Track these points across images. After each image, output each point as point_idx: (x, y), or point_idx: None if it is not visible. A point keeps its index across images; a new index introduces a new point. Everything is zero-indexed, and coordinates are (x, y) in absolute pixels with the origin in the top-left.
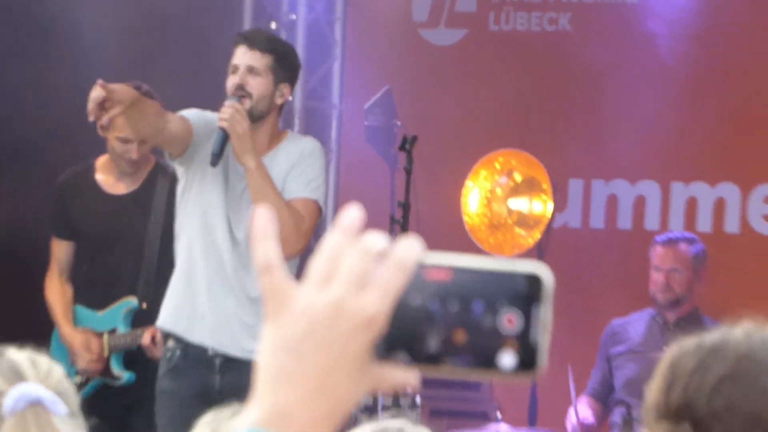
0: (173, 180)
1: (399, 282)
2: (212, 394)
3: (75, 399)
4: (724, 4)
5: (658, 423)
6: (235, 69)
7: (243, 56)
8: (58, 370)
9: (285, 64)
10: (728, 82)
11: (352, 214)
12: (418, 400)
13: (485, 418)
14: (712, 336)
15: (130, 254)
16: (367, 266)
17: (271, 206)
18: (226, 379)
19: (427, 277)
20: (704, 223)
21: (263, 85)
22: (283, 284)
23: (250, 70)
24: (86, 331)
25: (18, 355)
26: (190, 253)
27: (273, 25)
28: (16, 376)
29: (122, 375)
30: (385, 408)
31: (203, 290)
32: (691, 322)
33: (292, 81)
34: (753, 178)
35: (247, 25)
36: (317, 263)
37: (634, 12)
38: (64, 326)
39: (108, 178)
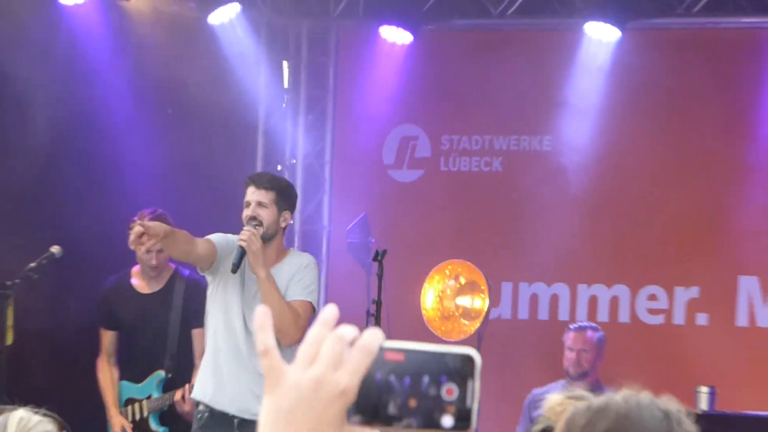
0: (187, 283)
1: (365, 362)
2: None
3: None
4: (618, 150)
5: None
6: (248, 204)
7: (252, 194)
8: (40, 426)
9: (285, 197)
10: (622, 207)
11: (330, 310)
12: None
13: None
14: (599, 399)
15: (157, 338)
16: (340, 350)
17: (277, 306)
18: None
19: (387, 358)
20: (603, 315)
21: (270, 215)
22: (278, 364)
23: (259, 204)
24: (122, 416)
25: (15, 413)
26: (215, 340)
27: (279, 167)
28: (3, 428)
29: (159, 430)
30: None
31: (225, 369)
32: (594, 390)
33: (291, 209)
34: (640, 280)
35: (259, 167)
36: (303, 348)
37: (548, 156)
38: (110, 410)
39: (140, 282)
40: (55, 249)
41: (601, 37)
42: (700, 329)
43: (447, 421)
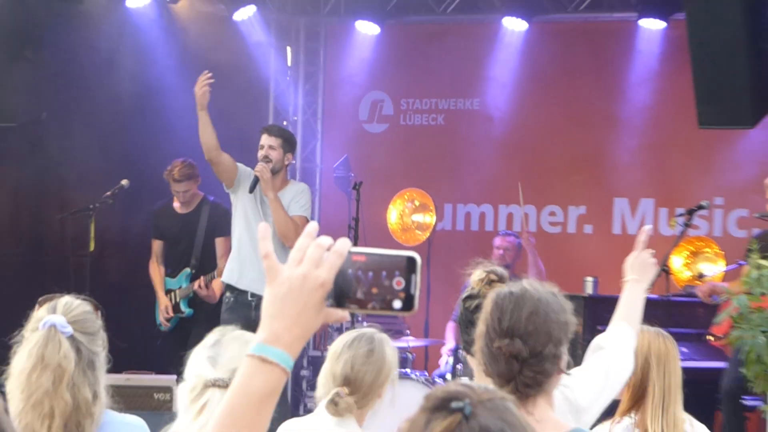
0: (211, 206)
1: (338, 262)
2: (251, 323)
3: (93, 325)
4: (527, 109)
5: (499, 339)
6: (262, 147)
7: (265, 140)
8: (80, 308)
9: (288, 142)
10: (530, 149)
11: (312, 226)
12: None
13: (400, 333)
14: (516, 286)
15: (188, 245)
16: (320, 254)
17: (282, 219)
18: (259, 312)
19: (354, 259)
20: (517, 227)
21: (278, 155)
22: (275, 264)
23: (270, 147)
24: (167, 298)
25: (62, 298)
26: (239, 240)
27: (284, 122)
28: (52, 310)
29: (186, 310)
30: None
31: (246, 260)
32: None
33: (293, 151)
34: (543, 201)
35: (271, 122)
36: (292, 253)
37: (477, 113)
38: (158, 294)
39: (179, 205)
40: (124, 182)
41: (514, 28)
42: (587, 236)
43: (397, 304)
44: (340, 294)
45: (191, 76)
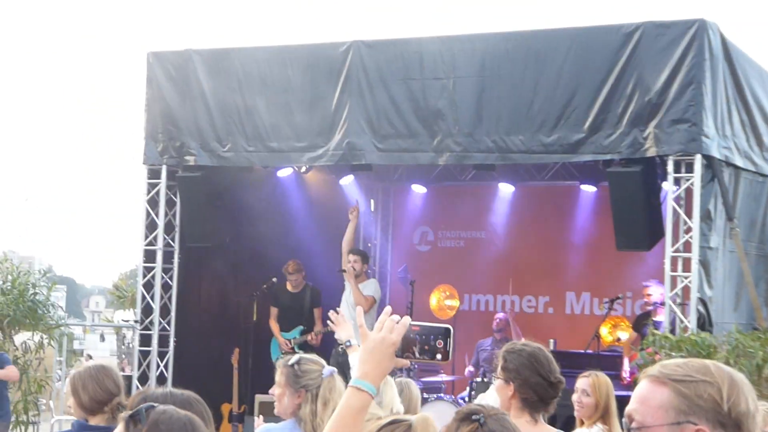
0: (312, 287)
1: (403, 330)
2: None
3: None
4: (510, 232)
5: (555, 376)
6: (348, 261)
7: (350, 257)
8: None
9: (364, 258)
10: (518, 259)
11: (388, 309)
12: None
13: (437, 372)
14: (518, 343)
15: (298, 312)
16: (392, 325)
17: (358, 297)
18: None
19: (413, 328)
20: (508, 308)
21: (358, 265)
22: (366, 331)
23: (354, 261)
24: (285, 342)
25: (304, 356)
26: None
27: (369, 245)
28: (317, 363)
29: (300, 352)
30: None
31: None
32: (507, 340)
33: (367, 262)
34: (522, 292)
35: (360, 244)
36: (377, 324)
37: (483, 242)
38: (278, 338)
39: (289, 285)
40: (274, 279)
41: (506, 189)
42: (549, 315)
43: (439, 356)
44: (404, 349)
45: (315, 220)
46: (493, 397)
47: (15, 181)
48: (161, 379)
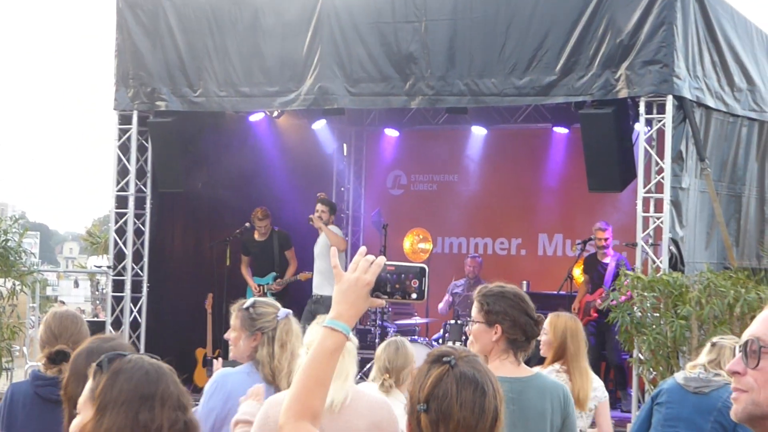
0: (279, 232)
1: (377, 270)
2: (311, 311)
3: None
4: (480, 176)
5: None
6: (317, 211)
7: (319, 207)
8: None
9: (332, 208)
10: (490, 199)
11: (363, 249)
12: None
13: (410, 314)
14: (493, 286)
15: (269, 260)
16: (367, 264)
17: (332, 237)
18: (322, 305)
19: (388, 268)
20: (481, 250)
21: (326, 216)
22: (340, 271)
23: (322, 211)
24: (259, 286)
25: (268, 299)
26: (315, 257)
27: (342, 189)
28: (272, 305)
29: (271, 299)
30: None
31: (316, 271)
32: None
33: (334, 213)
34: (495, 234)
35: (333, 188)
36: (351, 264)
37: (457, 184)
38: (250, 284)
39: (257, 233)
40: (247, 224)
41: (479, 132)
42: (522, 257)
43: (413, 296)
44: (378, 289)
45: (288, 165)
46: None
47: None
48: (134, 325)
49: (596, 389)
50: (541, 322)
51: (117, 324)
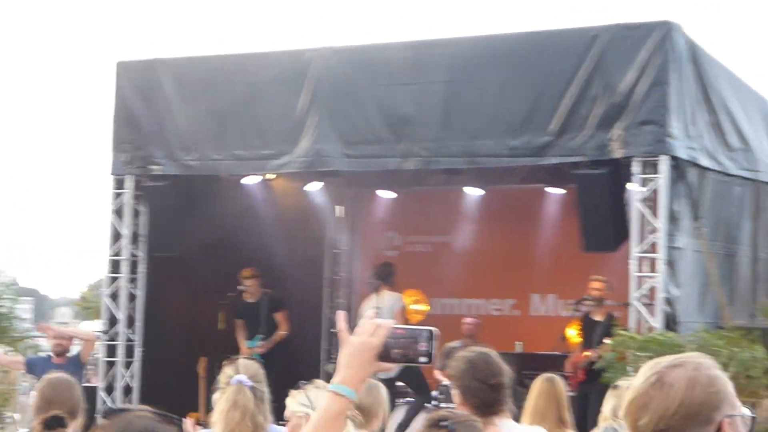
0: (270, 295)
1: (384, 333)
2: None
3: (260, 374)
4: (478, 234)
5: (494, 378)
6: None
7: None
8: (254, 367)
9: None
10: (489, 256)
11: (369, 314)
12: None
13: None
14: (460, 351)
15: (256, 322)
16: (373, 328)
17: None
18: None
19: (396, 332)
20: (474, 313)
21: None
22: (346, 335)
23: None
24: (247, 350)
25: (240, 361)
26: None
27: (334, 251)
28: (236, 371)
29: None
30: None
31: None
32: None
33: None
34: (489, 295)
35: (326, 249)
36: (358, 327)
37: (451, 245)
38: (241, 347)
39: (247, 295)
40: (239, 287)
41: (474, 193)
42: (516, 317)
43: (423, 359)
44: (386, 353)
45: (282, 227)
46: None
47: None
48: (127, 390)
49: None
50: (498, 386)
51: (110, 389)
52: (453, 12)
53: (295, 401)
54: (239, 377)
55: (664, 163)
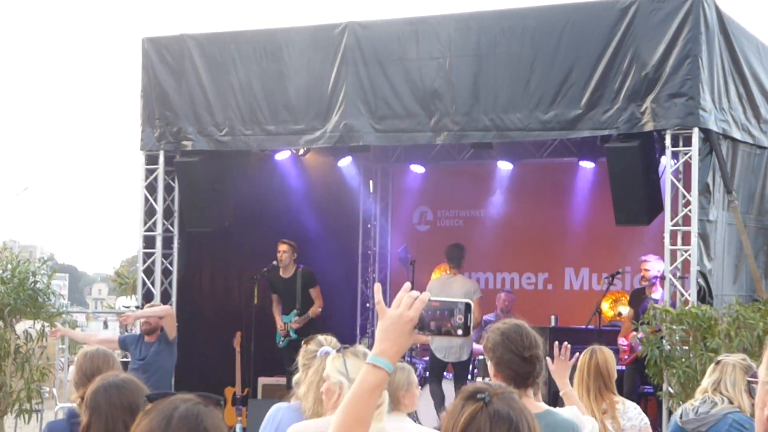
0: (303, 270)
1: (421, 306)
2: None
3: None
4: (511, 210)
5: (528, 350)
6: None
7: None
8: (334, 341)
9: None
10: (517, 233)
11: (407, 285)
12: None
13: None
14: (498, 323)
15: (292, 297)
16: (410, 301)
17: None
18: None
19: (432, 304)
20: (508, 286)
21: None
22: (384, 307)
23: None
24: (283, 326)
25: (318, 336)
26: None
27: (368, 226)
28: (320, 344)
29: (293, 336)
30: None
31: None
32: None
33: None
34: (522, 269)
35: (360, 225)
36: (395, 301)
37: (483, 219)
38: (277, 322)
39: (282, 271)
40: (275, 262)
41: (505, 167)
42: (549, 292)
43: (459, 331)
44: (423, 325)
45: (314, 202)
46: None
47: (15, 171)
48: None
49: (631, 419)
50: (533, 359)
51: None
52: None
53: (333, 367)
54: (326, 349)
55: (695, 136)
